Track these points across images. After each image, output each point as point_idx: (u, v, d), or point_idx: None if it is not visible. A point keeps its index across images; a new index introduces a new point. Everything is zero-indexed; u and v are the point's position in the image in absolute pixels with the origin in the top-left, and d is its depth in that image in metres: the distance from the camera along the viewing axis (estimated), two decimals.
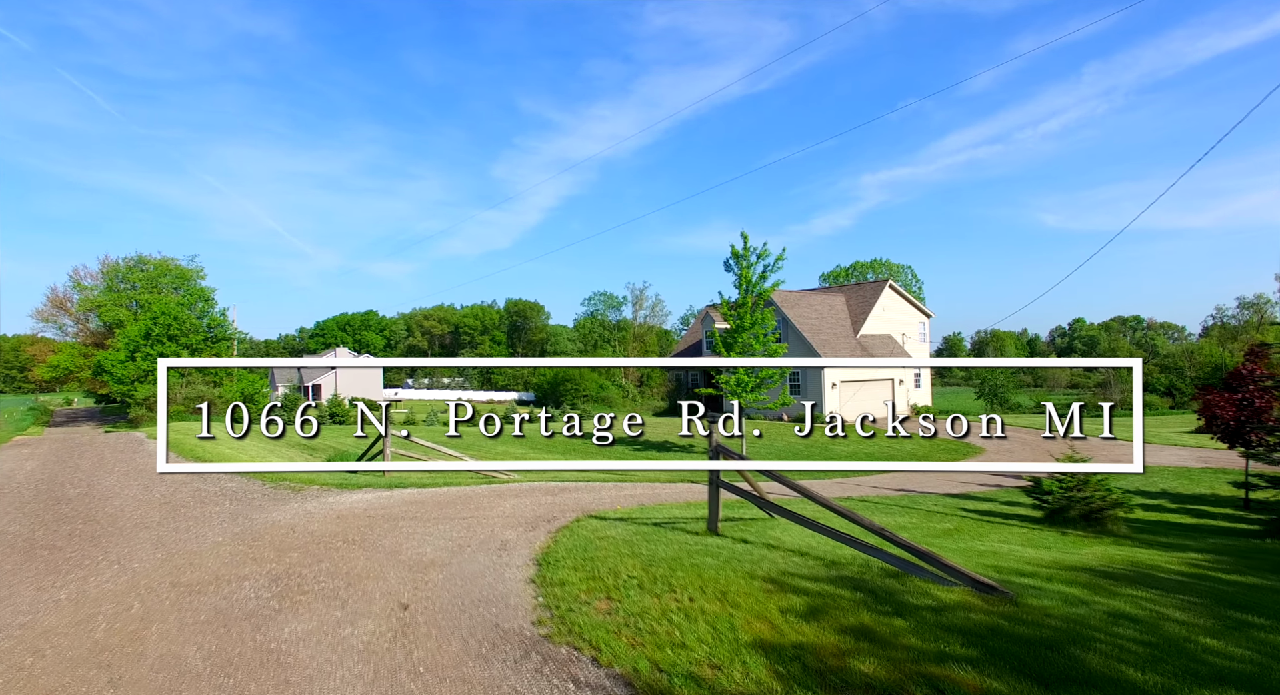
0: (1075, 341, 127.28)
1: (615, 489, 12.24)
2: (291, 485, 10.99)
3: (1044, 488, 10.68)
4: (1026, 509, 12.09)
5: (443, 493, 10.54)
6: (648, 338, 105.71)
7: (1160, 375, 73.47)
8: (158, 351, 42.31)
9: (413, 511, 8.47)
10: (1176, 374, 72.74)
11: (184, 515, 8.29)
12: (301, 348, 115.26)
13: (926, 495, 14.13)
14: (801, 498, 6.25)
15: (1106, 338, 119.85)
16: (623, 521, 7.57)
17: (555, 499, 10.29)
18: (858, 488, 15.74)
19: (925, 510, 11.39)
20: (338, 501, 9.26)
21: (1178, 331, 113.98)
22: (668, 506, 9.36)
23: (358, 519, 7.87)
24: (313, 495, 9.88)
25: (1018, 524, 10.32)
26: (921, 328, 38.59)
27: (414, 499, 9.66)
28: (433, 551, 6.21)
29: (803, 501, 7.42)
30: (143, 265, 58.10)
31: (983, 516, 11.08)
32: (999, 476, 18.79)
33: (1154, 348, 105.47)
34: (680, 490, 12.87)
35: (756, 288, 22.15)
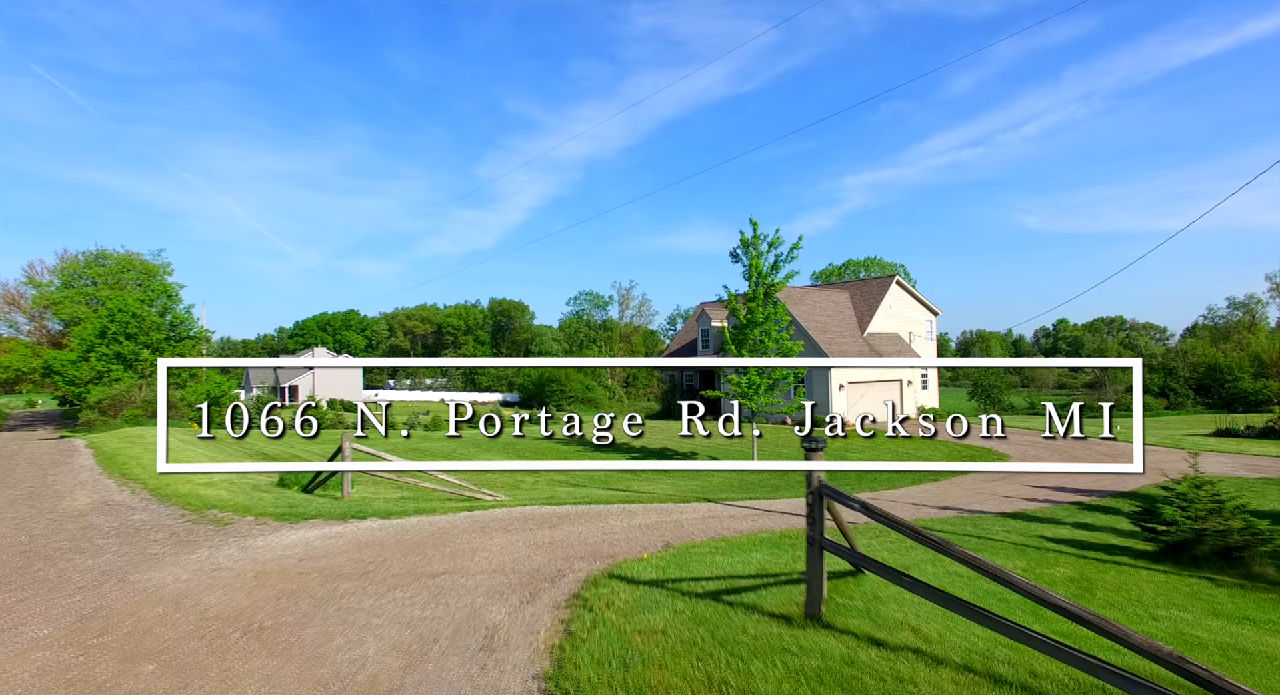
0: (1060, 342, 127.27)
1: (624, 516, 10.04)
2: (219, 516, 8.66)
3: (1161, 515, 8.61)
4: (1118, 536, 10.06)
5: (409, 527, 8.28)
6: (634, 338, 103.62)
7: (1152, 376, 72.60)
8: (114, 351, 39.45)
9: (364, 563, 6.22)
10: (1170, 375, 71.87)
11: (33, 576, 5.95)
12: (280, 348, 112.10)
13: (980, 515, 12.07)
14: (906, 537, 4.18)
15: (1091, 339, 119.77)
16: (661, 587, 5.35)
17: (554, 535, 8.08)
18: (894, 506, 13.65)
19: (1010, 542, 9.31)
20: (266, 545, 6.97)
21: (1160, 332, 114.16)
22: (707, 550, 7.16)
23: (281, 581, 5.60)
24: (238, 533, 7.58)
25: (1129, 562, 8.25)
26: (928, 326, 36.74)
27: (370, 539, 7.40)
28: (377, 655, 3.98)
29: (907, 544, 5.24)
30: (103, 260, 54.93)
31: (1079, 551, 9.00)
32: (1035, 487, 16.84)
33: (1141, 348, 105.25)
34: (700, 514, 10.69)
35: (768, 279, 20.04)
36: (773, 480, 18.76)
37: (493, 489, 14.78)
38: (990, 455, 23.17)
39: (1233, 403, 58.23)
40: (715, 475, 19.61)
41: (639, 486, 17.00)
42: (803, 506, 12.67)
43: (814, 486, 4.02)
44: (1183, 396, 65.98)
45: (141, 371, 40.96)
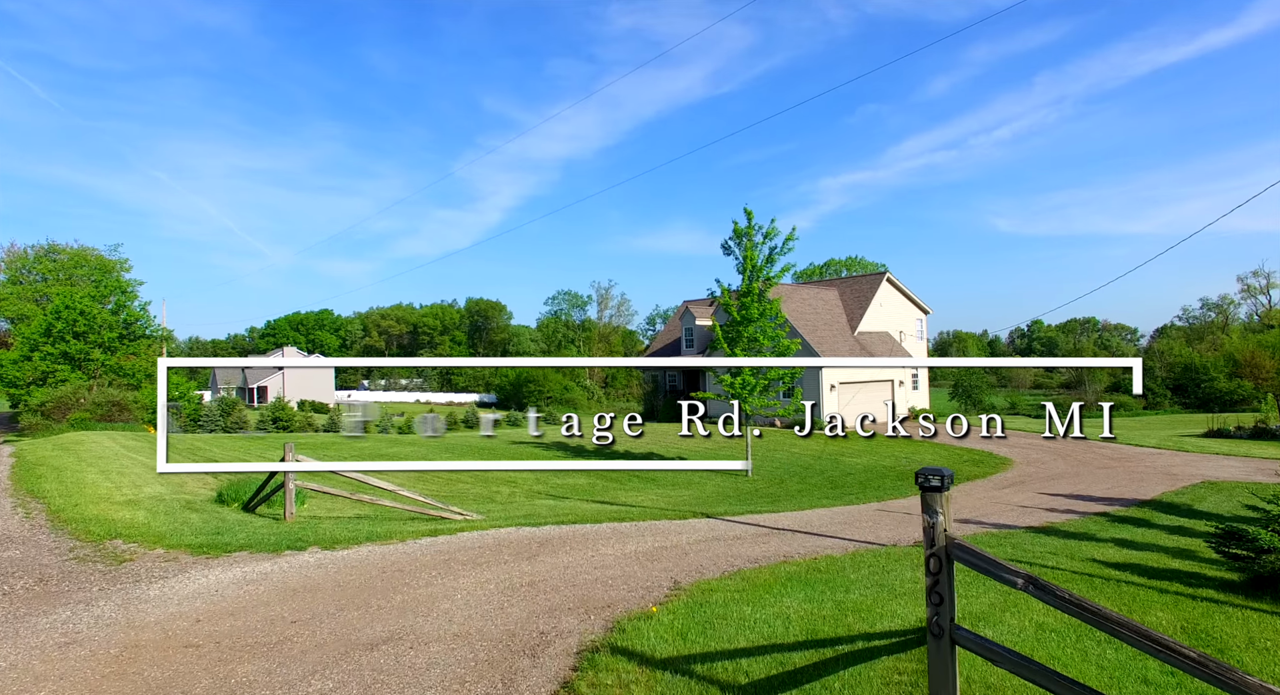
0: (1034, 342, 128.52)
1: (616, 540, 8.57)
2: (119, 550, 7.03)
3: (1254, 539, 7.35)
4: (1177, 558, 8.85)
5: (355, 563, 6.73)
6: (613, 338, 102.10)
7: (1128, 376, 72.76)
8: (60, 350, 36.97)
9: (282, 624, 4.69)
10: (1148, 375, 72.26)
11: None
12: (250, 348, 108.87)
13: (1009, 531, 10.79)
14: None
15: (1065, 339, 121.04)
16: (687, 674, 3.84)
17: (534, 570, 6.60)
18: (912, 519, 12.31)
19: (1069, 570, 8.01)
20: (161, 596, 5.40)
21: (1130, 332, 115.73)
22: (728, 596, 5.66)
23: (153, 663, 4.05)
24: (130, 577, 5.98)
25: (1222, 598, 6.97)
26: (919, 324, 35.74)
27: (301, 583, 5.85)
28: None
29: None
30: (54, 254, 52.06)
31: (1150, 581, 7.72)
32: (1049, 495, 15.75)
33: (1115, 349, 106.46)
34: (701, 534, 9.26)
35: (763, 272, 18.71)
36: (770, 490, 17.41)
37: (464, 503, 13.21)
38: (990, 459, 22.10)
39: (1209, 403, 58.54)
40: (707, 484, 18.21)
41: (626, 497, 15.54)
42: (810, 522, 11.23)
43: (937, 546, 2.60)
44: (1160, 396, 66.30)
45: (91, 372, 38.50)
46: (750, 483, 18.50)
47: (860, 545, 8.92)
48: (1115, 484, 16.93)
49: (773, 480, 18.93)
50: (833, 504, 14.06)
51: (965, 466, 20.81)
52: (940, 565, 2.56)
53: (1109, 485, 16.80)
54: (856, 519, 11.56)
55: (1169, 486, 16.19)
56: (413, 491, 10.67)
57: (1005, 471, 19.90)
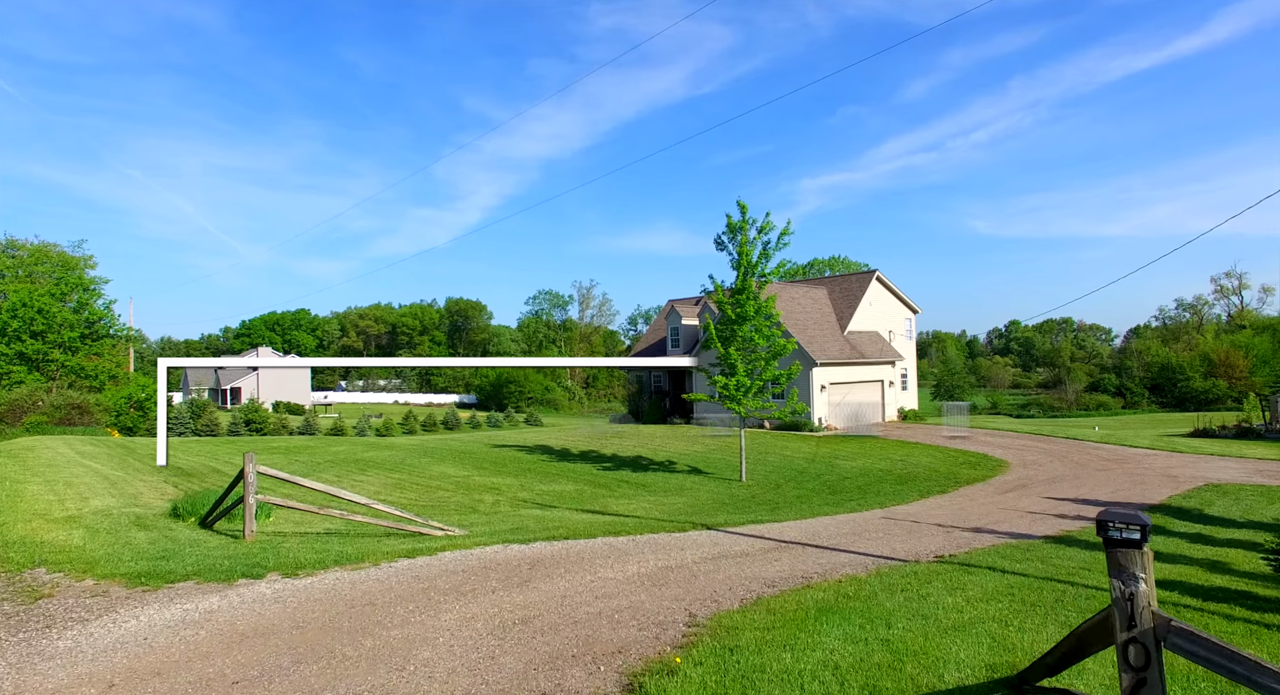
0: (1012, 342, 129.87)
1: (615, 558, 7.74)
2: (40, 582, 6.04)
3: None
4: (1216, 573, 8.23)
5: (319, 596, 5.82)
6: (594, 338, 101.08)
7: (1107, 376, 73.50)
8: (16, 350, 35.18)
9: (219, 691, 3.79)
10: (1124, 374, 72.85)
11: None
12: (225, 348, 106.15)
13: (1026, 541, 10.12)
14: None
15: (1041, 339, 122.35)
16: None
17: (528, 601, 5.74)
18: (920, 527, 11.59)
19: (1103, 590, 7.35)
20: (70, 651, 4.45)
21: (1105, 333, 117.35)
22: (758, 637, 4.84)
23: None
24: (39, 621, 5.02)
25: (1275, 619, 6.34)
26: (908, 324, 35.30)
27: (252, 625, 4.94)
28: None
29: None
30: (13, 250, 49.88)
31: (1207, 603, 7.05)
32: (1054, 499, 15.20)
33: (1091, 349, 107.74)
34: (705, 550, 8.46)
35: (758, 269, 17.97)
36: (767, 496, 16.65)
37: (444, 515, 12.28)
38: (986, 462, 21.61)
39: (1184, 402, 59.25)
40: (701, 490, 17.40)
41: (617, 505, 14.67)
42: (817, 533, 10.45)
43: (1140, 626, 1.77)
44: (1138, 396, 66.98)
45: (50, 373, 36.72)
46: (745, 488, 17.74)
47: (879, 561, 8.16)
48: (1118, 487, 16.44)
49: (768, 485, 18.19)
50: (835, 512, 13.33)
51: (962, 469, 20.27)
52: (1147, 658, 1.74)
53: (1112, 489, 16.30)
54: (864, 529, 10.82)
55: (1174, 490, 15.73)
56: (388, 504, 9.72)
57: (1004, 474, 19.38)
